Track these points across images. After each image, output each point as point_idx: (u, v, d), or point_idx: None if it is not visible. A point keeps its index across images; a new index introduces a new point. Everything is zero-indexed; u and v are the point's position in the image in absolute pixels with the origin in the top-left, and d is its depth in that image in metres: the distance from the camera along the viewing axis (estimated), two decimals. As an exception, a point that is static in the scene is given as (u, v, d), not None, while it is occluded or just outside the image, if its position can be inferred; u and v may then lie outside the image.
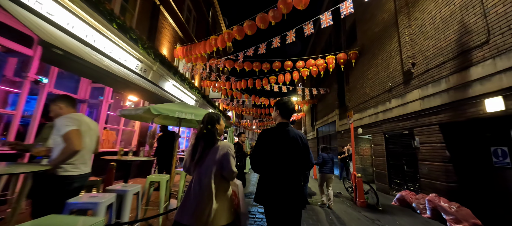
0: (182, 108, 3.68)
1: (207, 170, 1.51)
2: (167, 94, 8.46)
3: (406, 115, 5.56)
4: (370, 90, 7.65)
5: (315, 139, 16.40)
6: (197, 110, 3.92)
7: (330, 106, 12.58)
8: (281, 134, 1.76)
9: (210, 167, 1.51)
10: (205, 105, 13.49)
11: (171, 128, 7.27)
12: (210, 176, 1.49)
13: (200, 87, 13.27)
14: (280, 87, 11.87)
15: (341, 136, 10.58)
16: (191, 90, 10.37)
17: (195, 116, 3.62)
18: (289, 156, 1.71)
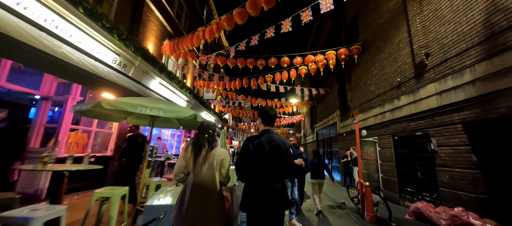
0: (148, 102, 2.94)
1: (206, 176, 1.59)
2: (153, 94, 7.74)
3: (420, 114, 4.83)
4: (375, 88, 6.94)
5: (315, 142, 15.63)
6: (169, 106, 3.18)
7: (331, 107, 11.87)
8: (265, 141, 1.79)
9: (209, 173, 1.60)
10: (198, 106, 12.76)
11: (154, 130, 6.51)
12: (209, 181, 1.59)
13: (193, 88, 12.56)
14: (277, 86, 11.17)
15: (343, 139, 9.83)
16: (181, 89, 9.64)
17: (165, 112, 2.88)
18: (273, 161, 1.75)
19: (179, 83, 9.26)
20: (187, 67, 10.13)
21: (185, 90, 9.85)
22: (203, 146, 1.67)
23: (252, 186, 1.72)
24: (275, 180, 1.73)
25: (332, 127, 11.66)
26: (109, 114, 3.64)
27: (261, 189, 1.68)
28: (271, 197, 1.67)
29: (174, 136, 10.84)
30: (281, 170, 1.78)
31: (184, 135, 11.51)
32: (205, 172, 1.60)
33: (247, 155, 1.75)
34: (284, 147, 1.81)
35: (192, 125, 4.82)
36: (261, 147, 1.76)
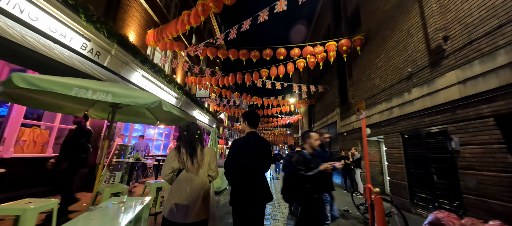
0: (94, 84, 2.20)
1: (201, 173, 1.77)
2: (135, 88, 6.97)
3: (436, 107, 4.16)
4: (381, 81, 6.27)
5: (313, 143, 14.91)
6: (124, 90, 2.43)
7: (330, 105, 11.20)
8: (251, 143, 2.01)
9: (203, 170, 1.78)
10: (190, 104, 11.98)
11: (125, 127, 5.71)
12: (204, 178, 1.78)
13: (183, 84, 11.78)
14: (273, 83, 10.47)
15: (343, 139, 9.15)
16: (169, 84, 8.87)
17: (115, 97, 2.13)
18: (258, 160, 1.96)
19: (166, 77, 8.49)
20: (175, 61, 9.37)
21: (173, 85, 9.08)
22: (197, 146, 1.80)
23: (240, 183, 1.90)
24: (259, 178, 1.96)
25: (332, 127, 10.98)
26: (56, 103, 2.87)
27: (247, 185, 1.88)
28: (256, 192, 1.89)
29: (162, 135, 10.02)
30: (264, 167, 2.00)
31: (173, 134, 10.71)
32: (200, 170, 1.75)
33: (234, 156, 1.93)
34: (267, 148, 2.05)
35: (170, 120, 4.08)
36: (247, 149, 1.95)
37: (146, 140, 8.33)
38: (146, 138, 8.35)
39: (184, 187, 1.70)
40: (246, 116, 2.15)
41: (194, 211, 1.65)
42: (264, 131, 32.40)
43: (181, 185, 1.71)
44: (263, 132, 32.71)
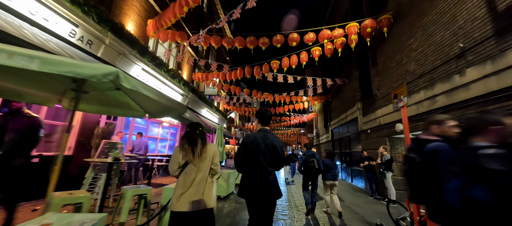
0: (14, 48, 1.50)
1: (202, 166, 1.87)
2: None
3: (506, 91, 3.06)
4: (417, 66, 5.17)
5: (330, 142, 13.77)
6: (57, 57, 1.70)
7: (349, 100, 10.05)
8: (260, 139, 2.04)
9: (205, 164, 1.88)
10: (197, 102, 11.42)
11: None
12: (205, 170, 1.88)
13: (190, 81, 11.25)
14: (285, 76, 9.57)
15: (367, 137, 8.01)
16: (173, 80, 8.32)
17: (42, 64, 1.41)
18: (266, 157, 1.99)
19: (169, 71, 7.94)
20: (180, 55, 8.82)
21: (177, 81, 8.52)
22: (197, 142, 1.91)
23: (248, 177, 2.00)
24: (268, 173, 1.97)
25: (352, 124, 9.83)
26: (11, 87, 2.24)
27: (255, 180, 1.95)
28: (264, 187, 1.93)
29: (168, 134, 9.51)
30: (274, 164, 2.03)
31: (179, 133, 10.18)
32: (202, 163, 1.87)
33: (244, 150, 2.03)
34: (278, 145, 2.05)
35: (159, 111, 3.39)
36: (257, 144, 2.01)
37: (150, 139, 7.82)
38: (149, 137, 7.84)
39: (188, 178, 1.83)
40: (257, 114, 2.22)
41: (198, 200, 1.77)
42: (276, 130, 31.41)
43: (185, 176, 1.85)
44: (275, 132, 31.73)
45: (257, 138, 2.03)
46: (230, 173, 5.79)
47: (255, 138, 2.03)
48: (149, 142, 7.78)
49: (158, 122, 8.30)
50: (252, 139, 2.03)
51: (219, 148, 6.87)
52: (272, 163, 2.00)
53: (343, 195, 6.91)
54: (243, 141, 2.06)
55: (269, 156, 1.99)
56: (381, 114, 6.81)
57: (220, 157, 6.29)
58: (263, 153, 1.98)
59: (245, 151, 2.01)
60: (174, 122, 9.42)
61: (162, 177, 8.07)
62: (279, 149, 2.03)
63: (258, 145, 1.99)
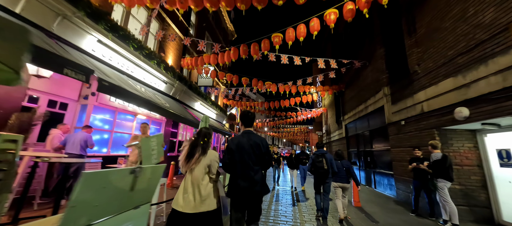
0: None
1: (201, 171, 1.91)
2: (87, 58, 4.82)
3: None
4: (481, 31, 3.24)
5: (344, 139, 11.83)
6: None
7: (370, 86, 8.12)
8: (244, 140, 2.15)
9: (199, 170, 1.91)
10: (187, 93, 9.75)
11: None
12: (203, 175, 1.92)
13: (179, 68, 9.59)
14: (291, 57, 7.74)
15: (398, 130, 6.10)
16: (149, 61, 6.67)
17: None
18: (253, 156, 2.11)
19: (143, 50, 6.28)
20: (160, 32, 7.16)
21: (155, 63, 6.85)
22: (197, 150, 1.94)
23: (235, 177, 2.08)
24: (254, 172, 2.07)
25: (374, 116, 7.90)
26: None
27: (242, 180, 2.03)
28: (251, 186, 2.02)
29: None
30: (259, 163, 2.15)
31: (164, 128, 8.52)
32: (196, 169, 1.90)
33: (230, 153, 2.13)
34: (261, 143, 2.17)
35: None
36: (241, 146, 2.11)
37: (121, 135, 6.19)
38: (118, 132, 6.21)
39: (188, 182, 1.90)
40: (241, 116, 2.36)
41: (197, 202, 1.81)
42: (281, 128, 29.55)
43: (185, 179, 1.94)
44: (280, 129, 29.89)
45: (241, 140, 2.14)
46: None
47: (239, 141, 2.14)
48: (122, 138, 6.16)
49: (132, 114, 6.67)
50: (237, 142, 2.14)
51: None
52: (257, 162, 2.12)
53: (370, 208, 5.06)
54: (228, 145, 2.17)
55: (254, 155, 2.10)
56: (425, 97, 4.89)
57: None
58: (248, 154, 2.09)
59: (230, 154, 2.12)
60: (155, 116, 7.78)
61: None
62: (262, 147, 2.15)
63: (243, 147, 2.10)
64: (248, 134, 2.20)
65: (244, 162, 2.06)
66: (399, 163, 6.02)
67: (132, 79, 6.21)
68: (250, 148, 2.09)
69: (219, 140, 16.29)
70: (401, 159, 5.92)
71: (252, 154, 2.08)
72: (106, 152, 5.77)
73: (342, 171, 4.11)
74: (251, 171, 2.05)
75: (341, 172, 4.11)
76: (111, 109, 5.92)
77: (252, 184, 2.02)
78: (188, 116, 8.15)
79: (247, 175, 2.04)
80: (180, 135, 10.21)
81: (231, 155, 2.10)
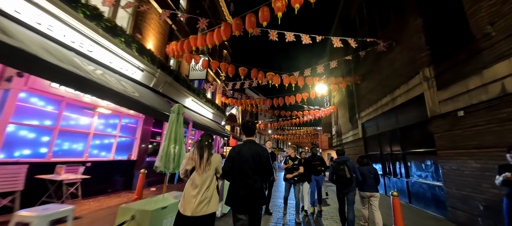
0: None
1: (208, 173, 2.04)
2: (15, 27, 3.28)
3: None
4: None
5: (360, 140, 10.03)
6: None
7: (399, 72, 6.39)
8: (247, 149, 2.18)
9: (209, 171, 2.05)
10: (173, 86, 8.22)
11: None
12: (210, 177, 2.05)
13: (164, 56, 8.08)
14: (298, 35, 6.11)
15: (452, 125, 4.33)
16: (113, 39, 5.16)
17: None
18: (251, 166, 2.11)
19: (102, 21, 4.77)
20: (131, 2, 5.66)
21: (120, 41, 5.32)
22: (204, 151, 2.09)
23: (234, 185, 2.10)
24: (254, 181, 2.08)
25: (407, 109, 6.15)
26: None
27: (241, 188, 2.06)
28: (250, 195, 2.03)
29: (116, 128, 6.28)
30: (259, 173, 2.14)
31: (141, 127, 6.94)
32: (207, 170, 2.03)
33: (231, 161, 2.14)
34: (261, 153, 2.17)
35: None
36: (242, 154, 2.14)
37: (70, 134, 4.63)
38: (64, 130, 4.66)
39: (193, 185, 1.99)
40: (242, 126, 2.34)
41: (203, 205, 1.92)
42: (286, 130, 27.78)
43: (190, 182, 2.02)
44: (285, 131, 28.15)
45: (242, 149, 2.17)
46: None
47: (240, 149, 2.17)
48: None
49: (91, 107, 5.11)
50: (238, 151, 2.16)
51: (171, 148, 3.54)
52: (257, 171, 2.12)
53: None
54: (229, 154, 2.20)
55: (254, 164, 2.11)
56: (508, 71, 3.16)
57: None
58: (248, 162, 2.11)
59: (231, 162, 2.14)
60: (128, 111, 6.24)
61: (89, 198, 4.85)
62: (262, 157, 2.15)
63: (243, 156, 2.13)
64: (249, 143, 2.23)
65: (244, 171, 2.10)
66: (456, 171, 4.25)
67: (90, 60, 4.69)
68: (251, 157, 2.13)
69: (217, 143, 14.66)
70: (459, 166, 4.14)
71: (252, 163, 2.11)
72: (43, 156, 4.20)
73: (371, 178, 3.77)
74: (250, 180, 2.08)
75: (369, 180, 3.76)
76: (55, 99, 4.38)
77: (252, 193, 2.05)
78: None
79: (247, 183, 2.07)
80: (167, 136, 8.63)
81: (232, 163, 2.13)
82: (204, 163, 2.02)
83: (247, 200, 2.01)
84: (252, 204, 2.03)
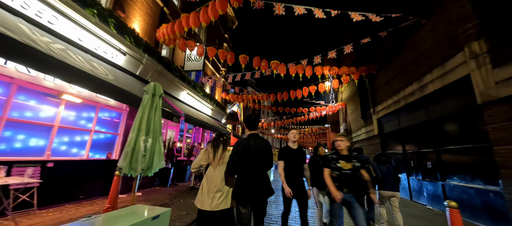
0: None
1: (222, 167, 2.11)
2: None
3: None
4: None
5: (376, 138, 8.95)
6: None
7: (432, 53, 5.33)
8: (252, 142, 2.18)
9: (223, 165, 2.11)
10: (165, 76, 7.25)
11: None
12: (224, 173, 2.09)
13: (154, 43, 7.12)
14: (310, 10, 5.09)
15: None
16: (83, 10, 4.20)
17: None
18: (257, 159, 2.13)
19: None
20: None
21: (91, 13, 4.36)
22: (218, 147, 2.18)
23: (241, 178, 2.11)
24: (259, 173, 2.11)
25: (443, 97, 5.07)
26: None
27: (248, 180, 2.07)
28: (256, 186, 2.06)
29: (92, 121, 5.32)
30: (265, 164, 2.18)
31: (125, 121, 5.97)
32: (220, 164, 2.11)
33: (236, 155, 2.11)
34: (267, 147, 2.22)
35: None
36: (247, 148, 2.14)
37: (21, 126, 3.66)
38: (37, 123, 3.69)
39: (209, 180, 2.05)
40: (245, 120, 2.34)
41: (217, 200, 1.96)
42: (290, 130, 26.63)
43: (207, 178, 2.08)
44: (289, 130, 27.01)
45: (247, 143, 2.17)
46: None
47: (245, 143, 2.17)
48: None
49: (54, 94, 4.14)
50: (243, 144, 2.16)
51: (140, 142, 2.54)
52: (263, 163, 2.15)
53: None
54: (234, 148, 2.17)
55: (260, 157, 2.13)
56: None
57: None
58: (254, 156, 2.12)
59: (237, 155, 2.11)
60: (108, 102, 5.28)
61: (50, 208, 3.87)
62: (268, 150, 2.21)
63: (249, 149, 2.13)
64: (254, 137, 2.24)
65: (250, 164, 2.09)
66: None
67: (51, 34, 3.73)
68: (256, 150, 2.14)
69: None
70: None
71: (258, 156, 2.13)
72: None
73: (391, 176, 3.56)
74: (258, 173, 2.09)
75: (389, 178, 3.56)
76: (1, 80, 3.43)
77: (258, 185, 2.06)
78: (164, 106, 5.61)
79: (253, 176, 2.07)
80: (158, 133, 7.66)
81: (238, 157, 2.11)
82: (217, 157, 2.10)
83: (254, 192, 2.03)
84: (258, 196, 2.05)
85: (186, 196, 5.77)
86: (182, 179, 8.54)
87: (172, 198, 5.46)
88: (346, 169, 2.38)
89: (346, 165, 2.40)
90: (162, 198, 5.40)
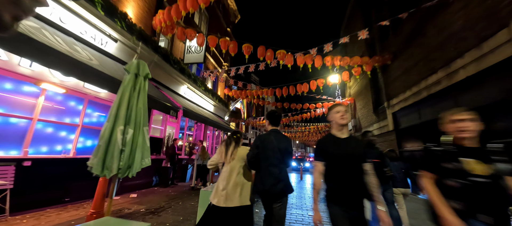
0: None
1: (234, 164, 2.09)
2: None
3: None
4: None
5: (391, 133, 8.27)
6: None
7: (460, 35, 4.65)
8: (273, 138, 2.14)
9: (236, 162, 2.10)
10: (162, 68, 6.70)
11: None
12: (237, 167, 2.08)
13: (150, 31, 6.58)
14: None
15: None
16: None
17: None
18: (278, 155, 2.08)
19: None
20: None
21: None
22: (230, 144, 2.18)
23: (260, 174, 2.06)
24: (279, 169, 2.04)
25: (470, 87, 4.39)
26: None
27: (267, 177, 2.00)
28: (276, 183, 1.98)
29: (79, 115, 4.82)
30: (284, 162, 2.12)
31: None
32: (233, 162, 2.09)
33: (257, 150, 2.08)
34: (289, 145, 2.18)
35: None
36: (267, 143, 2.10)
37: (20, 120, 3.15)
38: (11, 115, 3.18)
39: (224, 177, 2.03)
40: (268, 115, 2.32)
41: (232, 197, 1.93)
42: (295, 128, 26.06)
43: (222, 175, 2.09)
44: (294, 129, 26.45)
45: (267, 138, 2.13)
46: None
47: (266, 138, 2.13)
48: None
49: (32, 82, 3.63)
50: (263, 139, 2.12)
51: (117, 133, 1.98)
52: (282, 160, 2.10)
53: None
54: (254, 142, 2.14)
55: (279, 153, 2.08)
56: None
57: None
58: (273, 151, 2.06)
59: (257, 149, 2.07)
60: (99, 94, 4.77)
61: (26, 213, 3.37)
62: (289, 148, 2.16)
63: (269, 145, 2.08)
64: (275, 132, 2.21)
65: (270, 160, 2.05)
66: None
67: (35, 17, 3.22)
68: (276, 146, 2.09)
69: (221, 139, 13.12)
70: None
71: (278, 152, 2.08)
72: None
73: (401, 173, 3.54)
74: (276, 169, 2.03)
75: (400, 175, 3.52)
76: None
77: (277, 181, 1.99)
78: (160, 98, 5.09)
79: (272, 172, 2.01)
80: (158, 130, 7.16)
81: (257, 151, 2.08)
82: (229, 154, 2.11)
83: (273, 189, 1.97)
84: (277, 193, 1.99)
85: (185, 198, 5.24)
86: (183, 179, 8.03)
87: (170, 200, 4.93)
88: (481, 176, 1.23)
89: (480, 168, 1.24)
90: (158, 200, 4.88)
